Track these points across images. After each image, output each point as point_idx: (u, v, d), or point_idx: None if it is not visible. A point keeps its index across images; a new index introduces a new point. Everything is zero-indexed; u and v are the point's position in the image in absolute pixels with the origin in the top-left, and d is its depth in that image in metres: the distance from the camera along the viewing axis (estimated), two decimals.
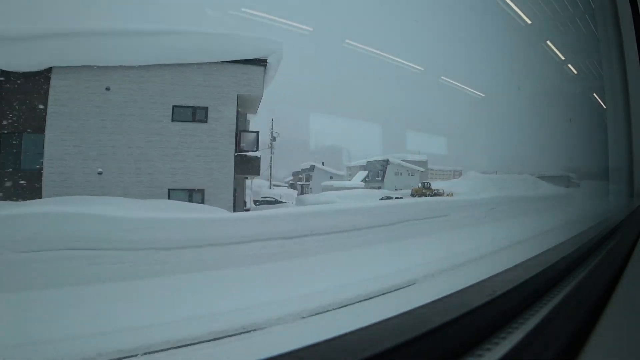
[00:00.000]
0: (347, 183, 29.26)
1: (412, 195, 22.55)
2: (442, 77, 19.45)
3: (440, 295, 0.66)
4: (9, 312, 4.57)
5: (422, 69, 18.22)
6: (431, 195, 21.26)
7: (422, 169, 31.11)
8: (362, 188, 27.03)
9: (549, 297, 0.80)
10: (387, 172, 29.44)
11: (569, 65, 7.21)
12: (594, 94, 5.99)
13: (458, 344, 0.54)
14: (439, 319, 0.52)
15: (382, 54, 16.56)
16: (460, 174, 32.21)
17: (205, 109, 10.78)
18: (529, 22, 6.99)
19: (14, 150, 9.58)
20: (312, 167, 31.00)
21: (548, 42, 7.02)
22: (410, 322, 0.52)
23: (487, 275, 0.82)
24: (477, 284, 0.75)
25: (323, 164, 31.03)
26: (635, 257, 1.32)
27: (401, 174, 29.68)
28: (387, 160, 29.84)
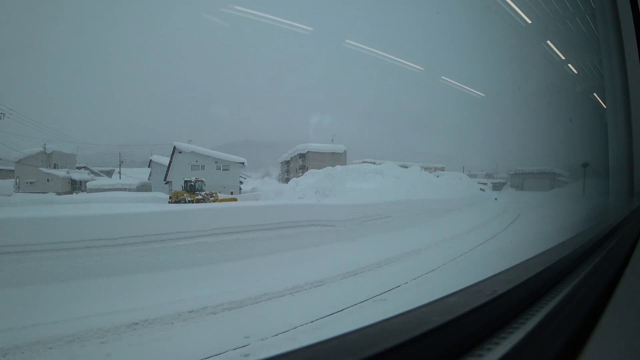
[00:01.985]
0: (115, 182, 21.75)
1: (170, 201, 16.78)
2: (442, 77, 19.43)
3: (439, 296, 0.66)
4: None
5: (422, 68, 18.22)
6: (191, 201, 15.78)
7: (242, 161, 21.66)
8: (128, 190, 19.80)
9: (549, 297, 0.80)
10: (172, 166, 20.04)
11: (570, 65, 7.20)
12: (594, 94, 5.99)
13: (458, 344, 0.54)
14: (439, 319, 0.52)
15: (382, 53, 16.55)
16: (442, 170, 30.56)
17: None
18: (529, 21, 6.98)
19: None
20: (150, 162, 24.26)
21: (548, 41, 7.01)
22: (410, 322, 0.52)
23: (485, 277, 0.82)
24: (477, 284, 0.75)
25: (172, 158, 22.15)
26: (635, 257, 1.32)
27: (203, 167, 20.30)
28: (174, 147, 20.04)
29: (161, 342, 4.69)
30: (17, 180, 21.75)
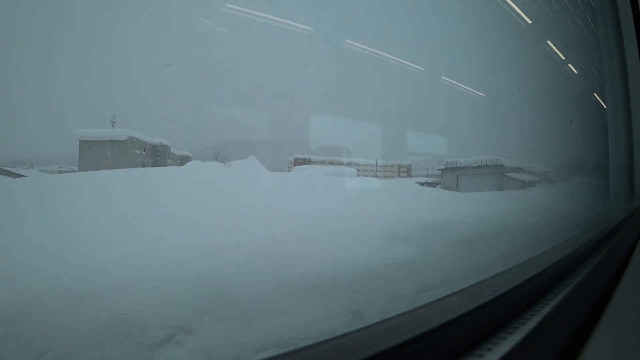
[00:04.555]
0: None
1: None
2: (443, 77, 19.41)
3: (440, 296, 0.66)
4: None
5: (422, 68, 18.20)
6: None
7: None
8: None
9: (549, 297, 0.80)
10: None
11: (570, 65, 7.21)
12: (594, 94, 6.00)
13: (458, 344, 0.54)
14: (439, 319, 0.52)
15: (382, 53, 16.56)
16: (408, 170, 25.79)
17: None
18: (529, 21, 6.99)
19: None
20: None
21: (548, 41, 7.02)
22: (410, 322, 0.52)
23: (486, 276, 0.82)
24: (477, 284, 0.75)
25: None
26: (636, 257, 1.32)
27: None
28: None
29: None
30: None
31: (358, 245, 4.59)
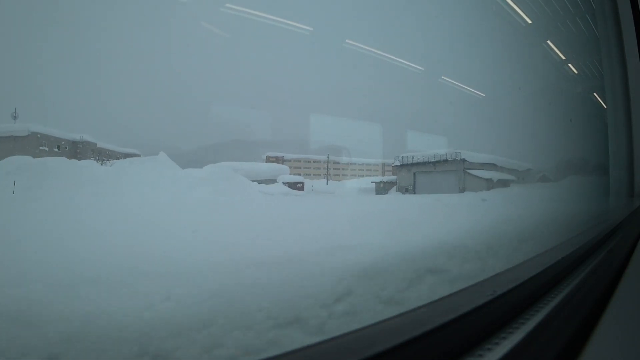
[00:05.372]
0: None
1: None
2: (443, 77, 19.37)
3: (440, 296, 0.66)
4: None
5: (422, 68, 18.19)
6: None
7: None
8: None
9: (549, 297, 0.80)
10: None
11: (570, 65, 7.21)
12: (595, 94, 6.00)
13: (458, 344, 0.54)
14: (439, 319, 0.52)
15: (382, 53, 16.54)
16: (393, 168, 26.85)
17: None
18: (529, 21, 7.00)
19: None
20: None
21: (548, 41, 7.02)
22: (410, 322, 0.52)
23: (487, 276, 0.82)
24: (477, 284, 0.75)
25: None
26: (635, 258, 1.32)
27: None
28: None
29: None
30: None
31: None
